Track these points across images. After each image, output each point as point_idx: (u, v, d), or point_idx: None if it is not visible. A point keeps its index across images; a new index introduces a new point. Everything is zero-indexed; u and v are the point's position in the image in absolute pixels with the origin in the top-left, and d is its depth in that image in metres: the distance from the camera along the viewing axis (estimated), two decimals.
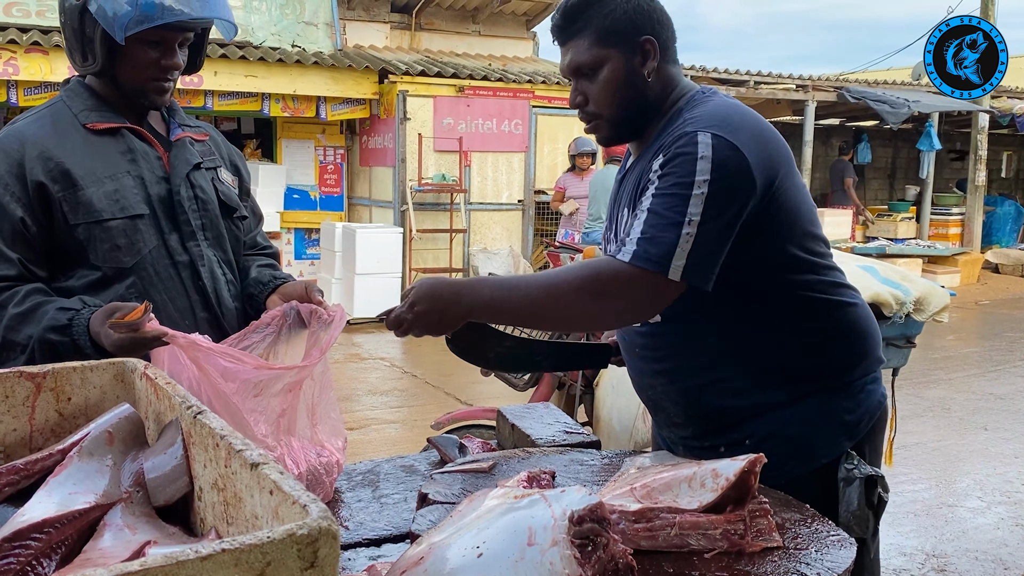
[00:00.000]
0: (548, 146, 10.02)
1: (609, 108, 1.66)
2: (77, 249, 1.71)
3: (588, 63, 1.64)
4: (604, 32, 1.62)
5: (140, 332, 1.44)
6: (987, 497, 4.34)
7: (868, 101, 11.69)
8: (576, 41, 1.65)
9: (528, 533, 1.12)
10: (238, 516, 0.93)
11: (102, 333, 1.52)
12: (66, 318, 1.59)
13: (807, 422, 1.65)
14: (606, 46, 1.63)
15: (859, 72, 17.94)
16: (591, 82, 1.65)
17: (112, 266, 1.72)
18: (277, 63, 8.67)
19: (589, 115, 1.69)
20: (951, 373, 7.00)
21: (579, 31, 1.64)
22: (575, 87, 1.68)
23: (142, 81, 1.76)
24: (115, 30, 1.66)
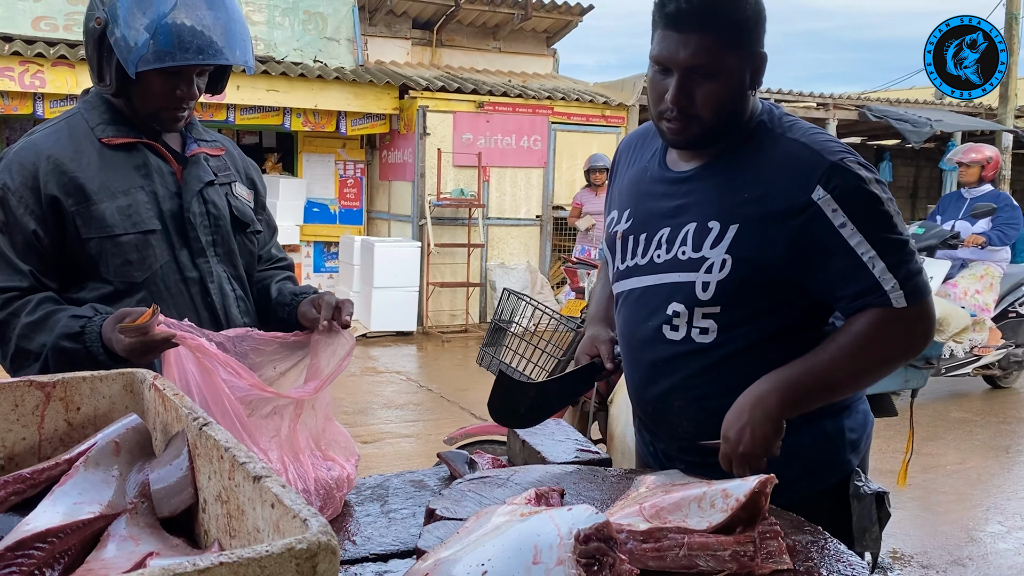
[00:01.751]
0: (567, 162, 10.03)
1: (713, 115, 1.55)
2: (89, 263, 1.72)
3: (708, 65, 1.51)
4: (734, 35, 1.51)
5: (150, 335, 1.45)
6: (1008, 522, 4.27)
7: (890, 120, 11.62)
8: (702, 36, 1.49)
9: (534, 551, 1.11)
10: (241, 529, 0.93)
11: (113, 339, 1.54)
12: (79, 325, 1.60)
13: (821, 441, 1.66)
14: (732, 50, 1.52)
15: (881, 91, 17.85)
16: (702, 84, 1.52)
17: (123, 280, 1.73)
18: (299, 78, 8.75)
19: (686, 116, 1.54)
20: (973, 394, 6.90)
21: (708, 26, 1.50)
22: (681, 83, 1.52)
23: (155, 108, 1.76)
24: (127, 63, 1.67)
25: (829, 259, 1.51)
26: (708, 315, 1.60)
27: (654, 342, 1.67)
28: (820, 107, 11.87)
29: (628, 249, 1.72)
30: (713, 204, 1.59)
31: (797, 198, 1.50)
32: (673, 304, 1.62)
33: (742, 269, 1.55)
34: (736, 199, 1.57)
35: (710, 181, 1.61)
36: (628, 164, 1.82)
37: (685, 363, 1.64)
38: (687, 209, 1.62)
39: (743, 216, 1.55)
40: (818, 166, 1.51)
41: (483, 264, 9.68)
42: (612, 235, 1.78)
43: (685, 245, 1.61)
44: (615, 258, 1.76)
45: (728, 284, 1.56)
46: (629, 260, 1.72)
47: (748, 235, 1.55)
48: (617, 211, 1.78)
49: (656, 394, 1.71)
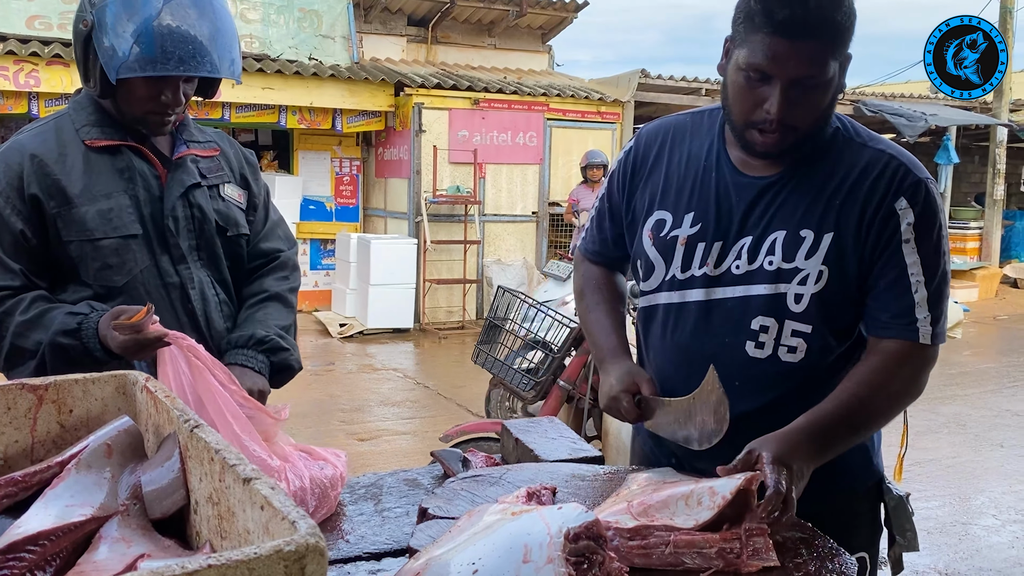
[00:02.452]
0: (562, 158, 10.04)
1: (811, 125, 1.47)
2: (70, 265, 1.72)
3: (819, 75, 1.42)
4: (839, 41, 1.42)
5: (143, 333, 1.46)
6: (1002, 515, 4.29)
7: (885, 115, 11.63)
8: (814, 44, 1.39)
9: (524, 550, 1.12)
10: (231, 530, 0.93)
11: (108, 335, 1.55)
12: (75, 322, 1.61)
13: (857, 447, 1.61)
14: (835, 58, 1.42)
15: (877, 85, 17.86)
16: (807, 93, 1.43)
17: (102, 284, 1.73)
18: (294, 75, 8.74)
19: (783, 127, 1.45)
20: (967, 389, 6.93)
21: (820, 34, 1.39)
22: (786, 93, 1.42)
23: (140, 113, 1.75)
24: (110, 69, 1.66)
25: (882, 271, 1.49)
26: (798, 333, 1.52)
27: (732, 360, 1.54)
28: None
29: (695, 258, 1.58)
30: (803, 211, 1.50)
31: (883, 203, 1.47)
32: (760, 318, 1.53)
33: (837, 281, 1.49)
34: (829, 206, 1.49)
35: (796, 187, 1.52)
36: (668, 160, 1.66)
37: (768, 384, 1.55)
38: (773, 217, 1.52)
39: (836, 224, 1.49)
40: (907, 178, 1.48)
41: (479, 261, 9.69)
42: (668, 240, 1.61)
43: (773, 255, 1.51)
44: (669, 266, 1.61)
45: (822, 297, 1.49)
46: (696, 269, 1.58)
47: (843, 244, 1.48)
48: (671, 213, 1.62)
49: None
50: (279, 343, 1.89)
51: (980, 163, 14.96)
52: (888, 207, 1.47)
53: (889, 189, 1.48)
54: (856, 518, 1.65)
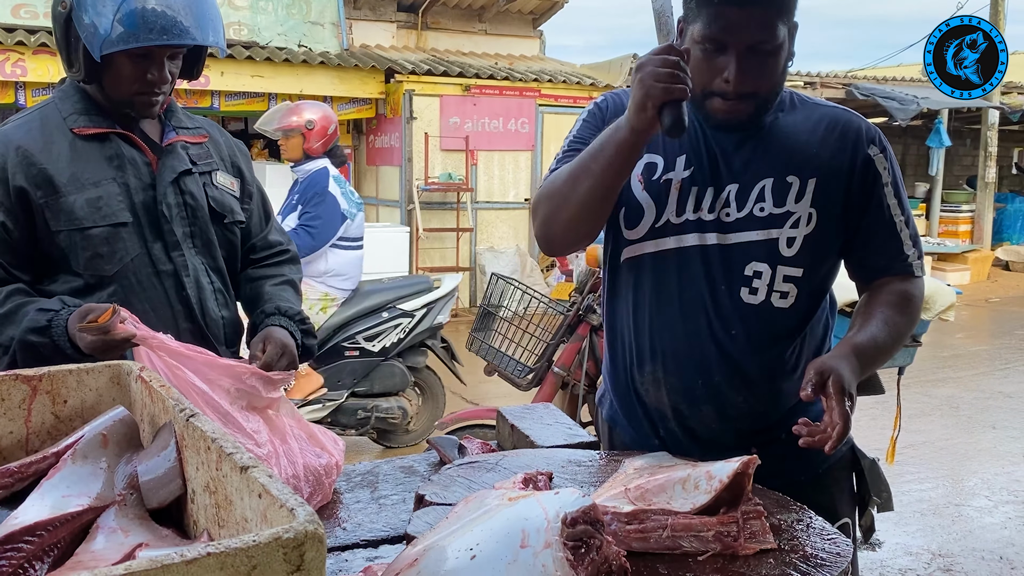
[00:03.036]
0: (555, 144, 9.99)
1: (769, 90, 1.54)
2: (59, 256, 1.71)
3: (770, 39, 1.48)
4: (789, 9, 1.50)
5: (111, 334, 1.45)
6: (995, 496, 4.32)
7: (877, 98, 11.64)
8: (763, 11, 1.47)
9: (522, 535, 1.12)
10: (229, 519, 0.93)
11: (77, 335, 1.53)
12: (45, 319, 1.59)
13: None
14: (784, 22, 1.50)
15: (869, 69, 17.85)
16: (762, 60, 1.49)
17: (93, 274, 1.72)
18: (283, 63, 8.69)
19: (743, 94, 1.50)
20: (960, 371, 6.97)
21: (771, 1, 1.48)
22: (741, 61, 1.47)
23: (128, 94, 1.73)
24: (93, 46, 1.64)
25: (869, 217, 1.58)
26: (789, 278, 1.57)
27: (728, 310, 1.57)
28: (807, 86, 11.87)
29: (689, 200, 1.57)
30: (785, 159, 1.57)
31: (857, 152, 1.57)
32: (754, 264, 1.56)
33: (825, 224, 1.56)
34: (807, 153, 1.57)
35: (773, 137, 1.59)
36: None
37: (763, 330, 1.59)
38: (757, 165, 1.57)
39: (818, 168, 1.56)
40: (863, 128, 1.60)
41: (472, 248, 9.68)
42: (660, 183, 1.59)
43: (763, 201, 1.56)
44: (662, 211, 1.59)
45: (813, 240, 1.56)
46: (691, 213, 1.57)
47: (827, 187, 1.56)
48: (661, 156, 1.60)
49: (723, 366, 1.60)
50: (311, 328, 1.93)
51: (972, 146, 14.99)
52: (864, 155, 1.58)
53: (858, 138, 1.58)
54: (837, 485, 1.71)
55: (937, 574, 3.48)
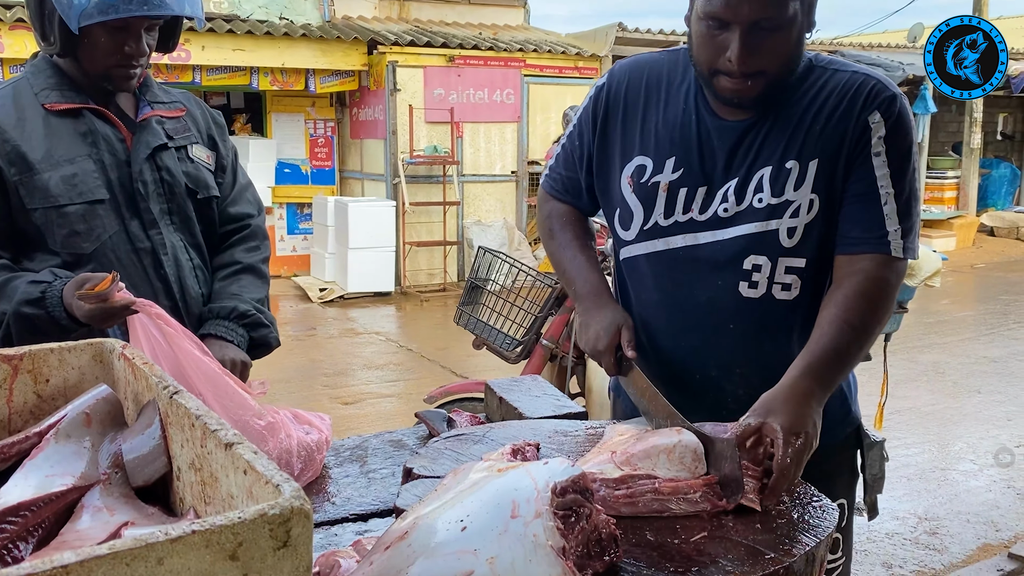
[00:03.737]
0: (540, 115, 9.96)
1: (779, 66, 1.44)
2: (36, 234, 1.68)
3: (777, 17, 1.39)
4: None
5: (109, 302, 1.44)
6: (980, 460, 4.38)
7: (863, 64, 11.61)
8: None
9: (512, 506, 1.12)
10: (215, 496, 0.93)
11: (73, 304, 1.52)
12: (39, 291, 1.57)
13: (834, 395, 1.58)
14: None
15: (854, 35, 17.80)
16: (768, 36, 1.40)
17: (71, 252, 1.69)
18: (265, 36, 8.58)
19: (749, 73, 1.42)
20: (945, 337, 7.02)
21: None
22: (745, 39, 1.39)
23: (105, 68, 1.70)
24: (70, 18, 1.60)
25: (852, 186, 1.48)
26: (792, 269, 1.51)
27: (727, 304, 1.53)
28: None
29: (678, 202, 1.54)
30: (785, 144, 1.49)
31: (857, 119, 1.46)
32: (752, 257, 1.51)
33: (828, 208, 1.48)
34: (810, 133, 1.48)
35: (776, 123, 1.50)
36: (642, 105, 1.61)
37: (764, 324, 1.54)
38: (756, 155, 1.50)
39: (820, 149, 1.47)
40: (881, 93, 1.47)
41: (459, 222, 9.64)
42: (648, 186, 1.56)
43: (761, 192, 1.49)
44: (650, 214, 1.57)
45: (815, 228, 1.49)
46: (680, 215, 1.54)
47: (830, 168, 1.47)
48: (650, 159, 1.57)
49: (721, 361, 1.58)
50: (260, 319, 1.87)
51: (957, 112, 15.00)
52: (863, 121, 1.47)
53: (864, 104, 1.47)
54: (837, 467, 1.68)
55: (923, 538, 3.53)
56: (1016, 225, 13.32)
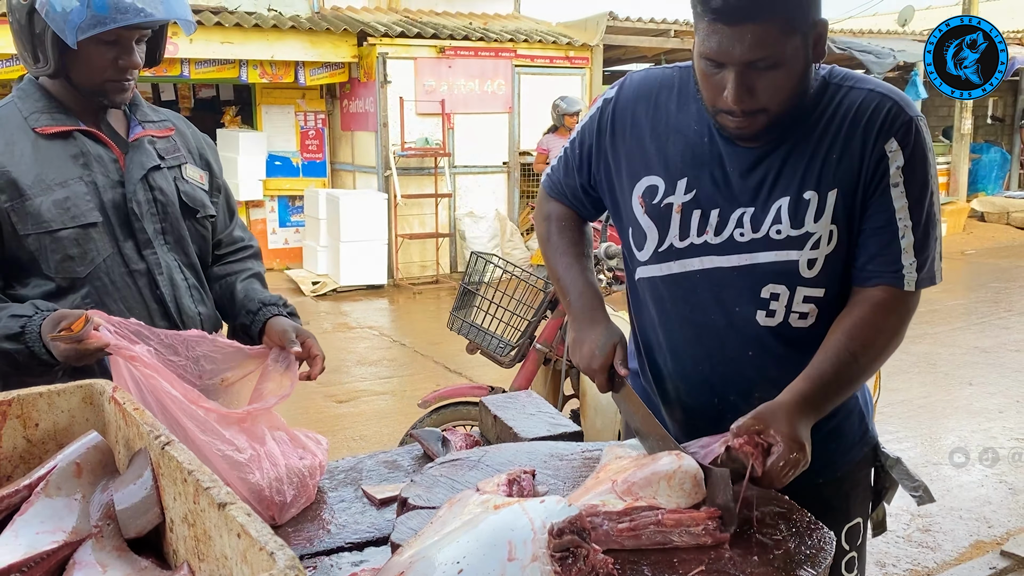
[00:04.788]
0: (532, 106, 9.90)
1: (780, 104, 1.39)
2: (29, 259, 1.67)
3: (772, 57, 1.34)
4: (792, 18, 1.34)
5: (83, 343, 1.43)
6: (971, 454, 4.40)
7: (853, 51, 11.58)
8: (757, 27, 1.32)
9: (508, 547, 1.12)
10: (209, 553, 0.92)
11: (49, 344, 1.50)
12: (18, 326, 1.55)
13: (854, 413, 1.64)
14: (791, 34, 1.34)
15: (845, 20, 17.76)
16: (765, 75, 1.36)
17: (65, 277, 1.68)
18: (253, 28, 8.49)
19: (749, 112, 1.39)
20: (936, 327, 7.04)
21: (764, 14, 1.31)
22: (741, 79, 1.35)
23: (99, 83, 1.70)
24: (66, 33, 1.60)
25: (870, 217, 1.44)
26: (810, 298, 1.48)
27: (744, 330, 1.51)
28: None
29: (692, 224, 1.51)
30: (803, 173, 1.44)
31: (875, 146, 1.42)
32: (771, 286, 1.47)
33: (848, 237, 1.46)
34: (827, 161, 1.44)
35: (792, 151, 1.46)
36: (652, 122, 1.56)
37: (780, 351, 1.52)
38: (773, 185, 1.46)
39: (838, 179, 1.43)
40: (898, 117, 1.43)
41: (451, 214, 9.61)
42: (661, 208, 1.53)
43: (779, 223, 1.45)
44: (665, 235, 1.53)
45: (836, 258, 1.46)
46: (695, 237, 1.51)
47: (849, 199, 1.44)
48: (662, 179, 1.53)
49: (737, 388, 1.55)
50: (294, 310, 1.94)
51: (947, 97, 15.00)
52: (879, 150, 1.42)
53: (881, 130, 1.42)
54: (856, 486, 1.67)
55: (916, 535, 3.55)
56: (1006, 210, 13.35)
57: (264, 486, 1.48)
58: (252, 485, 1.45)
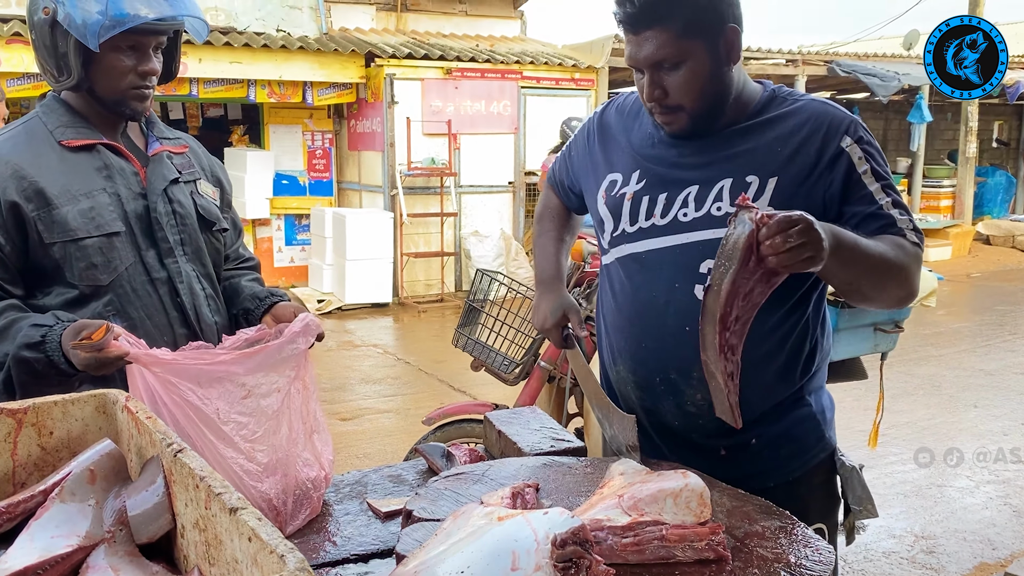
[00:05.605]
0: (537, 126, 9.96)
1: (694, 102, 1.57)
2: (53, 267, 1.71)
3: (671, 58, 1.53)
4: (689, 26, 1.51)
5: (104, 352, 1.45)
6: (976, 476, 4.38)
7: (858, 75, 11.66)
8: (655, 32, 1.51)
9: (512, 557, 1.13)
10: (220, 557, 0.94)
11: (70, 352, 1.53)
12: (39, 335, 1.58)
13: (805, 420, 1.71)
14: (691, 39, 1.52)
15: (850, 43, 17.87)
16: (672, 75, 1.54)
17: (88, 284, 1.72)
18: (262, 48, 8.59)
19: (668, 108, 1.58)
20: (942, 349, 7.04)
21: (658, 21, 1.51)
22: (651, 79, 1.56)
23: (121, 90, 1.75)
24: (87, 38, 1.65)
25: (853, 206, 1.56)
26: None
27: (683, 306, 1.60)
28: (789, 63, 11.86)
29: (641, 211, 1.66)
30: (748, 160, 1.59)
31: (829, 147, 1.56)
32: (708, 262, 1.56)
33: None
34: (771, 153, 1.58)
35: (737, 143, 1.62)
36: (621, 130, 1.77)
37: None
38: (718, 167, 1.61)
39: (783, 169, 1.57)
40: (844, 120, 1.59)
41: (457, 233, 9.65)
42: (616, 198, 1.70)
43: (720, 201, 1.59)
44: (618, 222, 1.69)
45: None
46: (643, 221, 1.66)
47: (788, 187, 1.56)
48: (620, 174, 1.72)
49: (678, 364, 1.63)
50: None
51: (953, 120, 15.06)
52: (835, 148, 1.56)
53: (829, 132, 1.57)
54: (811, 491, 1.73)
55: (920, 556, 3.54)
56: (1012, 233, 13.36)
57: (271, 496, 1.50)
58: (262, 494, 1.47)
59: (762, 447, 1.67)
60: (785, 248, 1.28)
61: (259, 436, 1.52)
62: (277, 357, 1.55)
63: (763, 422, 1.66)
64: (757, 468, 1.66)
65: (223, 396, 1.46)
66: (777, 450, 1.66)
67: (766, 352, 1.63)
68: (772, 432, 1.67)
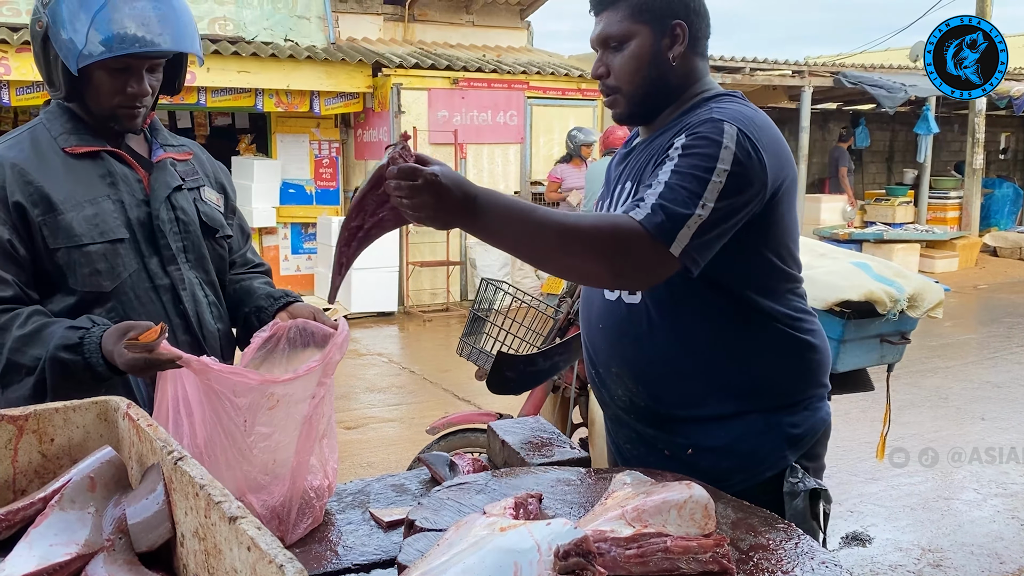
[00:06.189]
0: (544, 137, 9.99)
1: (629, 84, 1.67)
2: (57, 273, 1.71)
3: (617, 36, 1.66)
4: (638, 7, 1.64)
5: (155, 353, 1.44)
6: (983, 489, 4.35)
7: (865, 86, 11.66)
8: (610, 13, 1.67)
9: (514, 569, 1.12)
10: (219, 567, 0.93)
11: (115, 351, 1.52)
12: (77, 336, 1.58)
13: (751, 436, 1.68)
14: (637, 21, 1.64)
15: (857, 54, 17.88)
16: (616, 55, 1.67)
17: (91, 290, 1.72)
18: (270, 58, 8.63)
19: (609, 88, 1.70)
20: (949, 361, 7.00)
21: (615, 3, 1.66)
22: (600, 58, 1.69)
23: (109, 108, 1.74)
24: (69, 60, 1.65)
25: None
26: None
27: (596, 304, 1.75)
28: (796, 74, 11.86)
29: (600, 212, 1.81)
30: (645, 164, 1.67)
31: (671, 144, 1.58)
32: None
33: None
34: (655, 159, 1.63)
35: (646, 149, 1.71)
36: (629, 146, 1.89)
37: (619, 326, 1.71)
38: (627, 175, 1.73)
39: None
40: (690, 121, 1.60)
41: (462, 242, 9.66)
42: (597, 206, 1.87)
43: (624, 205, 1.67)
44: None
45: None
46: None
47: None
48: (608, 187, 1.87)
49: (601, 359, 1.77)
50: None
51: (959, 132, 15.04)
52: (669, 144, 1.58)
53: (679, 132, 1.59)
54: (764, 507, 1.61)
55: (927, 570, 3.51)
56: (1019, 245, 13.31)
57: (275, 504, 1.50)
58: (264, 502, 1.47)
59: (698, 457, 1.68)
60: (395, 194, 1.42)
61: (282, 445, 1.50)
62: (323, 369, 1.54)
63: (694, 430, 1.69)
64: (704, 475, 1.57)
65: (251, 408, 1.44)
66: (719, 460, 1.67)
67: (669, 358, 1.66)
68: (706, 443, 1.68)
